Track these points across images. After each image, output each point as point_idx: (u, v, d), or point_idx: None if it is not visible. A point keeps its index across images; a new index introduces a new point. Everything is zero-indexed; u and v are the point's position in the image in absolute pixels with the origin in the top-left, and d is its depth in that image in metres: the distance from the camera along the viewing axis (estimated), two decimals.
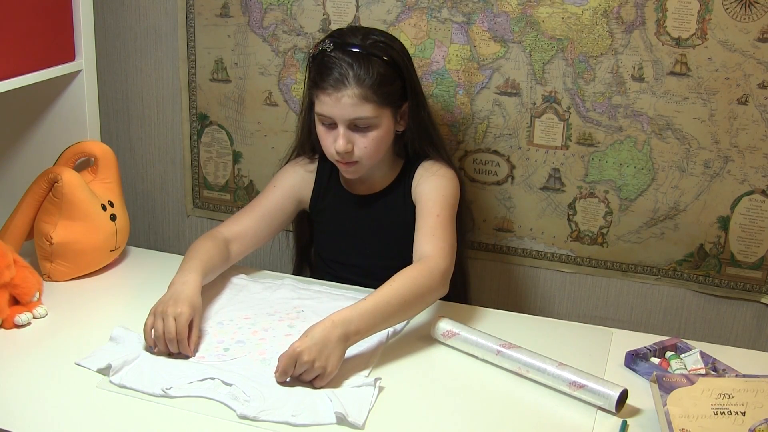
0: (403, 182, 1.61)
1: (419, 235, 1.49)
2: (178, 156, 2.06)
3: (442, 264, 1.43)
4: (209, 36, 1.93)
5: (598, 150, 1.75)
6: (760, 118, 1.64)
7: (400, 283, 1.38)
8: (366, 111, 1.47)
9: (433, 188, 1.55)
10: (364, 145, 1.50)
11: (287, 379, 1.28)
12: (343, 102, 1.45)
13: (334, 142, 1.49)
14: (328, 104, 1.47)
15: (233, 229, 1.61)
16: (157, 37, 1.98)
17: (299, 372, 1.25)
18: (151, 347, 1.35)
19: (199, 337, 1.39)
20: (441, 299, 1.58)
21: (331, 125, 1.50)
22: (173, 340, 1.33)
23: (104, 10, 1.98)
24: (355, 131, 1.49)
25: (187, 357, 1.35)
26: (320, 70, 1.48)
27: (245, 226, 1.62)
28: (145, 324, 1.36)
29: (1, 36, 1.57)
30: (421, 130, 1.58)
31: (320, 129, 1.53)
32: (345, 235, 1.67)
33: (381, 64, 1.47)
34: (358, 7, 1.80)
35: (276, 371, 1.27)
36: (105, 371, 1.29)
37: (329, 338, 1.26)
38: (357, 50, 1.47)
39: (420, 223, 1.51)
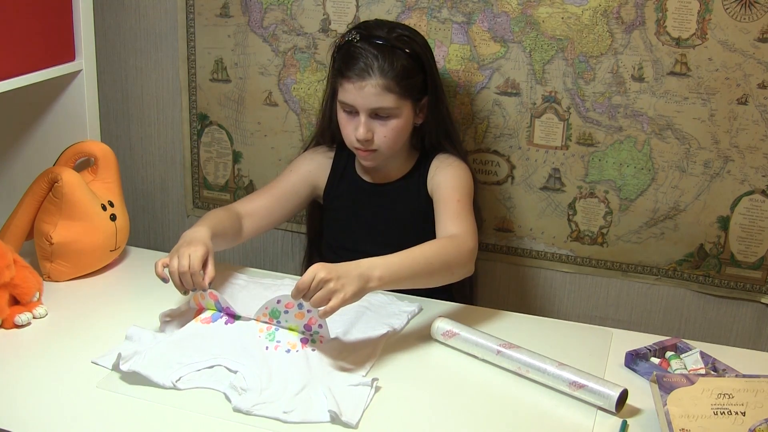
0: (417, 173, 1.65)
1: (443, 218, 1.53)
2: (178, 156, 2.06)
3: (470, 242, 1.47)
4: (209, 36, 1.93)
5: (598, 150, 1.75)
6: (760, 118, 1.64)
7: (428, 247, 1.41)
8: (387, 101, 1.50)
9: (450, 177, 1.60)
10: (383, 134, 1.54)
11: (302, 304, 1.30)
12: (366, 91, 1.49)
13: (354, 130, 1.53)
14: (352, 92, 1.51)
15: (247, 206, 1.65)
16: (157, 37, 1.98)
17: (315, 289, 1.26)
18: (164, 280, 1.41)
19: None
20: (442, 299, 1.59)
21: (353, 113, 1.54)
22: (186, 273, 1.37)
23: (104, 10, 1.98)
24: (375, 120, 1.53)
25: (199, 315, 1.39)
26: (345, 60, 1.53)
27: (259, 204, 1.66)
28: (156, 266, 1.41)
29: (1, 36, 1.57)
30: (439, 124, 1.63)
31: (342, 116, 1.57)
32: (357, 223, 1.69)
33: (404, 57, 1.52)
34: (358, 7, 1.80)
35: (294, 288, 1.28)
36: (117, 364, 1.29)
37: (350, 271, 1.29)
38: (382, 42, 1.51)
39: (441, 209, 1.55)
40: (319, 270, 1.27)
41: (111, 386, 1.27)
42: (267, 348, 1.33)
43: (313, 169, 1.70)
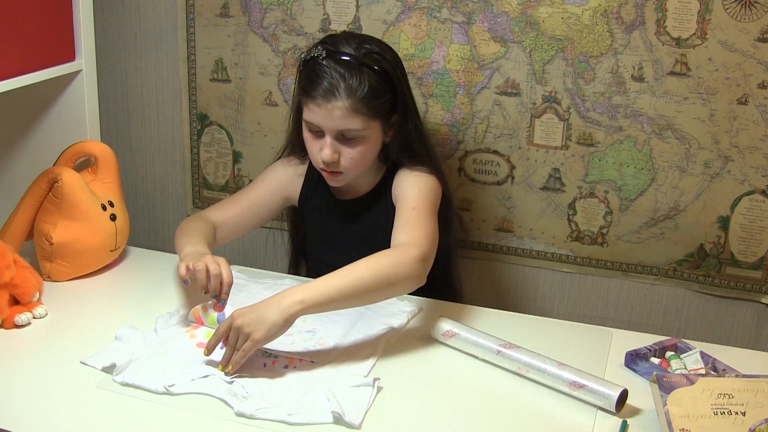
0: (385, 187, 1.60)
1: (395, 228, 1.46)
2: (178, 156, 2.06)
3: (414, 251, 1.37)
4: (209, 36, 1.93)
5: (598, 150, 1.75)
6: (760, 118, 1.64)
7: (363, 263, 1.35)
8: (355, 123, 1.44)
9: (408, 185, 1.53)
10: (350, 156, 1.48)
11: (219, 350, 1.30)
12: (333, 113, 1.43)
13: (320, 151, 1.48)
14: (317, 114, 1.45)
15: (218, 215, 1.64)
16: (157, 37, 1.98)
17: (233, 338, 1.27)
18: (186, 282, 1.41)
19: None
20: (442, 299, 1.59)
21: (318, 133, 1.48)
22: (218, 275, 1.38)
23: (104, 10, 1.98)
24: (342, 142, 1.47)
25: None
26: (311, 78, 1.45)
27: (229, 215, 1.64)
28: (179, 268, 1.41)
29: (1, 36, 1.57)
30: (402, 145, 1.55)
31: (307, 136, 1.51)
32: (330, 238, 1.67)
33: (373, 75, 1.44)
34: (358, 7, 1.80)
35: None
36: (109, 370, 1.29)
37: (267, 306, 1.28)
38: (349, 60, 1.44)
39: (396, 219, 1.48)
40: (236, 318, 1.27)
41: (111, 386, 1.27)
42: (265, 365, 1.33)
43: (284, 182, 1.66)
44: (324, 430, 1.18)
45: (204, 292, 1.40)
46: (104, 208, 1.66)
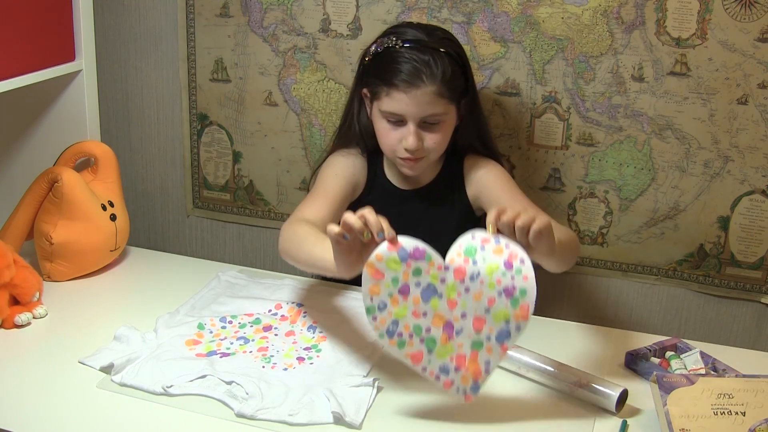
0: (449, 176, 1.59)
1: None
2: (178, 156, 2.06)
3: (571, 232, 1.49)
4: (209, 36, 1.93)
5: (598, 150, 1.75)
6: (760, 118, 1.64)
7: (561, 228, 1.41)
8: (439, 107, 1.45)
9: (495, 178, 1.58)
10: (433, 141, 1.48)
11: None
12: (419, 99, 1.43)
13: (400, 140, 1.47)
14: (402, 101, 1.43)
15: (309, 216, 1.49)
16: (157, 37, 1.98)
17: (513, 217, 1.18)
18: (346, 236, 1.20)
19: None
20: None
21: (398, 123, 1.47)
22: (377, 222, 1.20)
23: (104, 10, 1.98)
24: (423, 128, 1.47)
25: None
26: (390, 68, 1.44)
27: (323, 213, 1.50)
28: (331, 229, 1.21)
29: (1, 36, 1.57)
30: (475, 126, 1.58)
31: (383, 126, 1.49)
32: (396, 228, 1.61)
33: (449, 59, 1.46)
34: (358, 7, 1.80)
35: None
36: (107, 369, 1.29)
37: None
38: (428, 46, 1.45)
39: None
40: (506, 208, 1.20)
41: (111, 386, 1.27)
42: (264, 367, 1.33)
43: (356, 172, 1.61)
44: (325, 430, 1.18)
45: (378, 235, 1.20)
46: (104, 208, 1.66)
